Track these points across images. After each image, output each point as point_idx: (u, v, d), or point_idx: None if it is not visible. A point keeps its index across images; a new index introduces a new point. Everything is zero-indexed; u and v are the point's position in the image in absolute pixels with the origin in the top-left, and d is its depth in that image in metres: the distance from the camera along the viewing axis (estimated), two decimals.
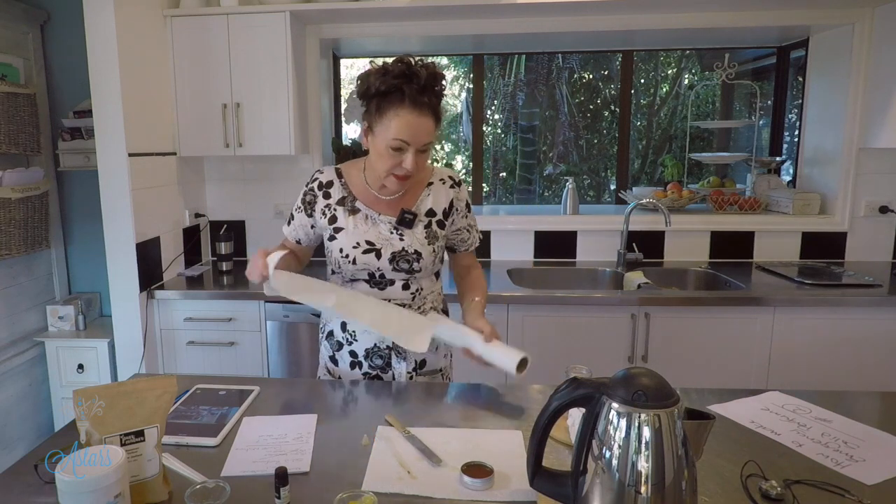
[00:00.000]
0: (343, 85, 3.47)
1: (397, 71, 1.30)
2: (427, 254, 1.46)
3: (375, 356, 1.51)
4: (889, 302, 2.28)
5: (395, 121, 1.31)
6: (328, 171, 1.54)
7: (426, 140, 1.35)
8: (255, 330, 2.48)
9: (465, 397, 1.40)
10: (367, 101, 1.36)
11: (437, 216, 1.50)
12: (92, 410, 0.93)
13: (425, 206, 1.50)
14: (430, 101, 1.32)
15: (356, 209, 1.48)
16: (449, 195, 1.51)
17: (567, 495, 0.89)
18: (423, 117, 1.32)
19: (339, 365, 1.56)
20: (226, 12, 2.56)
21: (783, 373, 2.33)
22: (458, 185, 1.54)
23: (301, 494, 0.99)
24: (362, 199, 1.49)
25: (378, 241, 1.45)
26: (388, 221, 1.47)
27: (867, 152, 2.76)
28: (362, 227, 1.47)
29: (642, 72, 5.56)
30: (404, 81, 1.30)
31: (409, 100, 1.30)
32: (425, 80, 1.31)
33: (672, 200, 2.99)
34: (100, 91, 2.29)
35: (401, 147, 1.33)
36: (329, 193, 1.51)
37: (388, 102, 1.32)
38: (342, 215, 1.49)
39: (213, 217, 3.05)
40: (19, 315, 2.70)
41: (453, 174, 1.56)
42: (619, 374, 0.86)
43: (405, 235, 1.46)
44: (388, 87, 1.30)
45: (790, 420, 1.24)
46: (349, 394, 1.43)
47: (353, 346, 1.53)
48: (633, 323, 2.33)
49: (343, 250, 1.47)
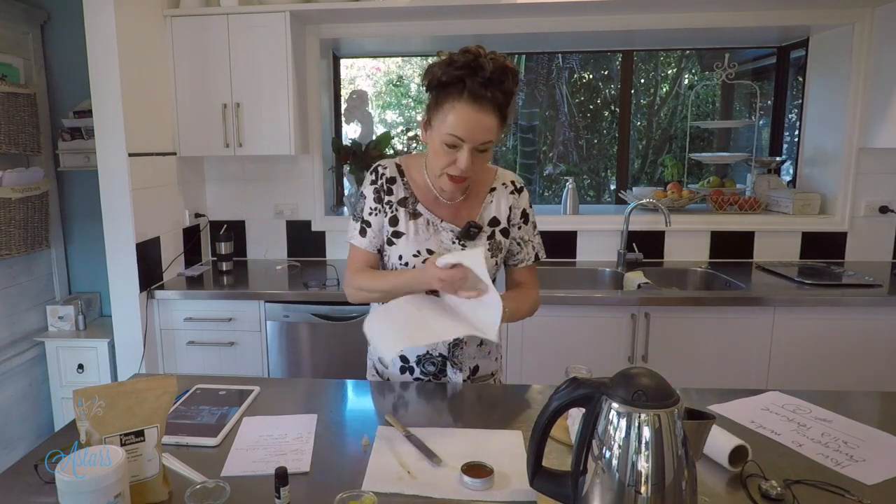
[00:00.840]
0: (343, 85, 3.47)
1: (462, 62, 1.21)
2: (488, 267, 1.36)
3: (427, 363, 1.45)
4: (889, 302, 2.28)
5: (451, 114, 1.22)
6: (390, 166, 1.43)
7: (484, 139, 1.24)
8: (255, 330, 2.48)
9: (465, 397, 1.40)
10: (430, 92, 1.28)
11: (500, 225, 1.42)
12: (92, 410, 0.93)
13: (489, 214, 1.42)
14: (493, 97, 1.22)
15: (417, 213, 1.40)
16: (509, 201, 1.43)
17: (567, 495, 0.89)
18: (483, 113, 1.22)
19: (389, 368, 1.49)
20: (226, 12, 2.56)
21: (783, 373, 2.33)
22: (518, 192, 1.45)
23: (301, 494, 0.99)
24: (424, 200, 1.40)
25: (439, 251, 1.38)
26: (450, 230, 1.39)
27: (867, 152, 2.76)
28: (423, 233, 1.38)
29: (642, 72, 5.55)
30: (468, 73, 1.21)
31: (468, 93, 1.21)
32: (491, 73, 1.20)
33: (672, 200, 2.99)
34: (100, 91, 2.29)
35: (455, 144, 1.24)
36: (391, 190, 1.41)
37: (447, 94, 1.23)
38: (403, 218, 1.39)
39: (213, 217, 3.05)
40: (19, 315, 2.70)
41: (516, 178, 1.47)
42: (619, 374, 0.86)
43: (467, 247, 1.38)
44: (449, 77, 1.22)
45: (790, 420, 1.24)
46: (349, 394, 1.43)
47: (405, 352, 1.45)
48: (633, 323, 2.33)
49: (402, 257, 1.39)
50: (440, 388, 1.44)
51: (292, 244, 3.07)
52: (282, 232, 3.06)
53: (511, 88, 1.24)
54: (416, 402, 1.36)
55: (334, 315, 2.44)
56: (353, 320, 2.42)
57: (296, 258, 3.06)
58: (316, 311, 2.44)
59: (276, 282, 2.63)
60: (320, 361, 2.50)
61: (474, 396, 1.40)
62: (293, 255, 3.08)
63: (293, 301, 2.44)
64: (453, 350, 1.44)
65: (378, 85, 5.82)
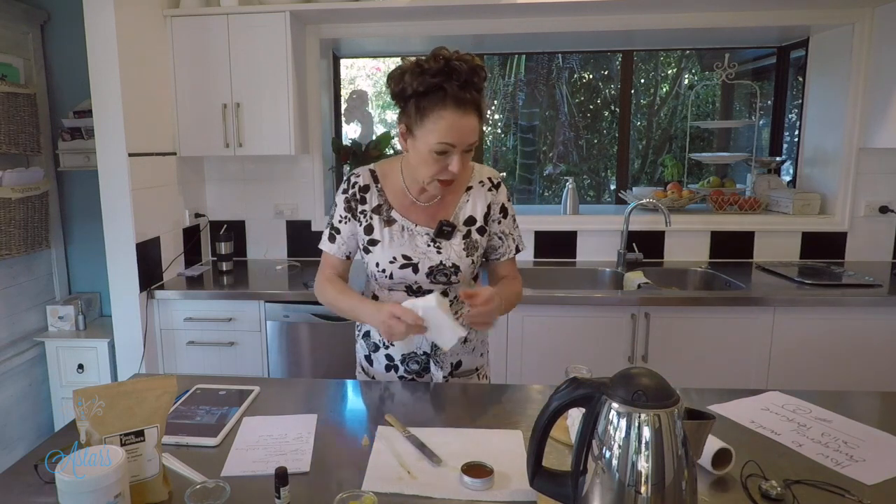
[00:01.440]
0: (343, 85, 3.47)
1: (435, 69, 1.21)
2: (465, 266, 1.40)
3: (412, 361, 1.47)
4: (889, 302, 2.28)
5: (439, 123, 1.22)
6: (364, 174, 1.44)
7: (472, 140, 1.26)
8: (255, 330, 2.48)
9: (465, 397, 1.40)
10: (404, 101, 1.27)
11: (476, 223, 1.43)
12: (92, 410, 0.93)
13: (464, 213, 1.42)
14: (472, 98, 1.23)
15: (392, 219, 1.41)
16: (487, 198, 1.44)
17: (567, 495, 0.89)
18: (468, 116, 1.23)
19: (374, 365, 1.52)
20: (226, 12, 2.56)
21: (783, 373, 2.33)
22: (496, 188, 1.45)
23: (301, 494, 0.99)
24: (398, 206, 1.42)
25: (415, 256, 1.39)
26: (425, 233, 1.40)
27: (867, 152, 2.76)
28: (398, 239, 1.40)
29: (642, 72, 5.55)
30: (444, 79, 1.20)
31: (451, 99, 1.21)
32: (466, 74, 1.21)
33: (672, 200, 2.99)
34: (100, 91, 2.29)
35: (446, 150, 1.25)
36: (365, 199, 1.43)
37: (430, 103, 1.23)
38: (378, 226, 1.41)
39: (213, 217, 3.05)
40: (19, 315, 2.70)
41: (493, 174, 1.47)
42: (619, 375, 0.86)
43: (443, 248, 1.39)
44: (427, 86, 1.21)
45: (790, 420, 1.24)
46: (349, 394, 1.43)
47: (390, 350, 1.48)
48: (633, 323, 2.33)
49: (379, 265, 1.41)
50: (440, 388, 1.44)
51: (292, 244, 3.07)
52: (282, 232, 3.06)
53: (482, 86, 1.26)
54: (417, 402, 1.36)
55: (334, 315, 2.41)
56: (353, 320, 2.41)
57: (296, 258, 3.06)
58: (316, 311, 2.44)
59: (275, 282, 2.63)
60: (320, 361, 2.50)
61: (474, 397, 1.40)
62: (293, 255, 3.08)
63: (293, 301, 2.44)
64: (435, 349, 1.45)
65: (378, 85, 5.82)
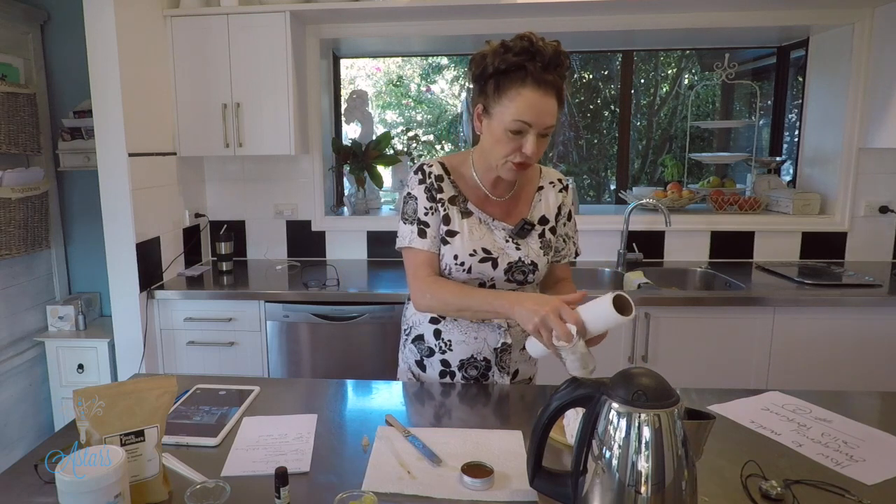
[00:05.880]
0: (343, 85, 3.47)
1: (519, 47, 1.21)
2: (542, 265, 1.39)
3: (471, 367, 1.44)
4: (889, 302, 2.28)
5: (517, 100, 1.21)
6: (436, 165, 1.40)
7: (549, 122, 1.23)
8: (255, 330, 2.48)
9: (465, 397, 1.40)
10: (483, 82, 1.26)
11: (549, 223, 1.43)
12: (92, 410, 0.93)
13: (538, 212, 1.42)
14: (553, 80, 1.22)
15: (469, 211, 1.38)
16: (558, 199, 1.44)
17: (567, 495, 0.89)
18: (547, 97, 1.21)
19: (427, 371, 1.48)
20: (226, 12, 2.56)
21: (783, 373, 2.33)
22: (565, 190, 1.46)
23: (301, 494, 0.99)
24: (473, 199, 1.39)
25: (494, 250, 1.36)
26: (502, 228, 1.38)
27: (867, 152, 2.76)
28: (477, 232, 1.37)
29: (642, 72, 5.55)
30: (527, 58, 1.20)
31: (532, 77, 1.20)
32: (549, 57, 1.20)
33: (672, 200, 2.99)
34: (100, 91, 2.29)
35: (521, 129, 1.23)
36: (441, 188, 1.38)
37: (510, 81, 1.22)
38: (456, 216, 1.37)
39: (213, 217, 3.05)
40: (19, 315, 2.70)
41: (561, 176, 1.48)
42: (619, 375, 0.86)
43: (521, 245, 1.38)
44: (508, 64, 1.21)
45: (790, 420, 1.24)
46: (349, 394, 1.43)
47: (447, 356, 1.44)
48: (633, 323, 2.33)
49: (458, 257, 1.35)
50: (440, 388, 1.44)
51: (292, 244, 3.07)
52: (282, 232, 3.06)
53: (565, 73, 1.24)
54: (417, 402, 1.37)
55: (334, 315, 2.44)
56: (353, 320, 2.42)
57: (296, 258, 3.06)
58: (316, 311, 2.44)
59: (276, 282, 2.63)
60: (320, 361, 2.50)
61: (474, 397, 1.40)
62: (293, 255, 3.08)
63: (293, 301, 2.44)
64: (500, 355, 1.44)
65: (378, 85, 5.82)
